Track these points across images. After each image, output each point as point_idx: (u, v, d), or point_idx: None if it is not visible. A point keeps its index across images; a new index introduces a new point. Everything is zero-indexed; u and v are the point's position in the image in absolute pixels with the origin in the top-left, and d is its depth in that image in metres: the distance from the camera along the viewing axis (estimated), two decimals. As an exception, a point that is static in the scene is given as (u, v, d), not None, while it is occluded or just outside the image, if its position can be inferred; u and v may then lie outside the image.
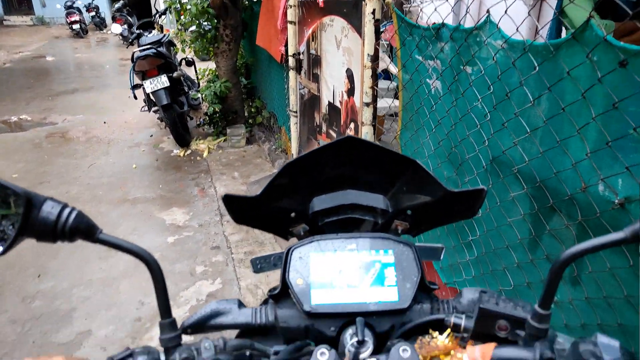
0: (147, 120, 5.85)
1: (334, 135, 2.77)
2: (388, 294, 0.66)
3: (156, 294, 0.60)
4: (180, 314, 2.44)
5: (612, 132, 0.97)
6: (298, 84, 3.38)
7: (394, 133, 2.20)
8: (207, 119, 5.21)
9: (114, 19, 13.53)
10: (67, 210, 0.55)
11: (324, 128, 2.96)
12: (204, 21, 4.64)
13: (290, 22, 3.27)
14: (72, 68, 10.12)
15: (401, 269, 0.68)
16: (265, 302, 0.73)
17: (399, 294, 0.66)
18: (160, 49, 4.70)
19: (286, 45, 3.42)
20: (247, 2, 4.88)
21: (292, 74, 3.39)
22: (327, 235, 0.72)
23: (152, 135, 5.40)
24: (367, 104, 2.12)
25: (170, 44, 5.36)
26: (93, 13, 16.82)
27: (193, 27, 4.80)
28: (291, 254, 0.70)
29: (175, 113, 4.61)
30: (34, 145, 5.05)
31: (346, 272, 0.68)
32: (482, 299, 0.58)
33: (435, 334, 0.61)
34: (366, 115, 2.15)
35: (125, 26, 12.91)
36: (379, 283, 0.67)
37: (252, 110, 5.33)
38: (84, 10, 16.49)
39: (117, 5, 13.91)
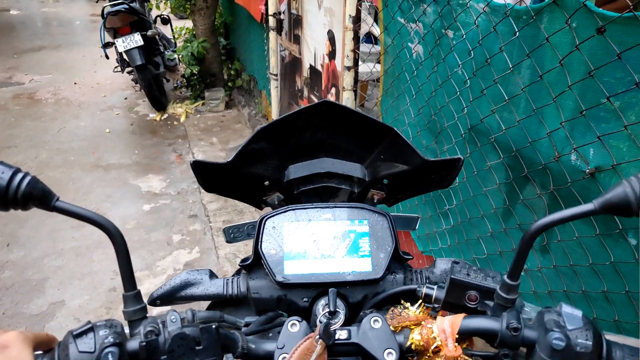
0: (121, 81, 5.63)
1: (315, 100, 2.71)
2: (362, 264, 0.66)
3: (119, 264, 0.58)
4: (157, 283, 2.43)
5: (588, 102, 0.96)
6: (279, 45, 3.27)
7: (376, 100, 2.16)
8: (185, 81, 5.04)
9: (83, -28, 12.74)
10: (19, 176, 0.51)
11: (306, 93, 2.89)
12: (179, -24, 4.41)
13: (270, -20, 3.12)
14: (39, 23, 9.58)
15: (375, 239, 0.67)
16: (237, 273, 0.72)
17: (372, 264, 0.66)
18: (133, 4, 4.45)
19: (266, 4, 3.28)
20: (224, -43, 4.64)
21: (272, 34, 3.27)
22: (302, 205, 0.70)
23: (126, 98, 5.21)
24: (349, 68, 2.06)
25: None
26: (61, -35, 15.79)
27: (168, -18, 4.57)
28: (264, 224, 0.68)
29: (151, 74, 4.43)
30: None
31: (320, 242, 0.67)
32: (454, 269, 0.58)
33: (407, 304, 0.62)
34: (347, 80, 2.09)
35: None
36: (353, 253, 0.66)
37: (232, 72, 5.17)
38: (50, -39, 15.46)
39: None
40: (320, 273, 0.65)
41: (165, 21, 5.01)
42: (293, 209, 0.70)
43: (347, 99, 2.13)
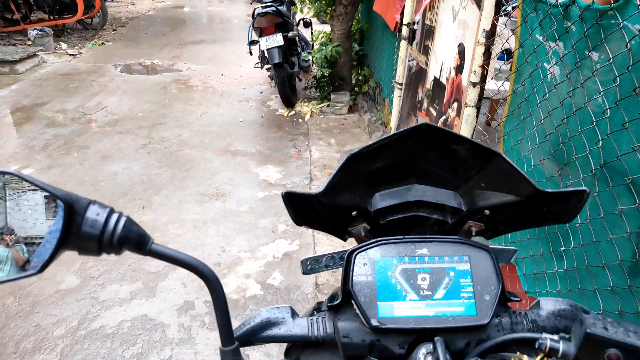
0: (260, 76, 6.11)
1: (434, 113, 2.62)
2: (464, 307, 0.59)
3: (216, 313, 0.54)
4: (255, 267, 2.59)
5: None
6: (408, 55, 3.23)
7: (500, 119, 2.01)
8: (315, 82, 5.27)
9: (246, -24, 14.11)
10: (114, 217, 0.48)
11: (425, 104, 2.81)
12: (325, -18, 4.63)
13: (409, -11, 3.10)
14: (204, 20, 10.88)
15: (478, 278, 0.61)
16: (317, 310, 0.68)
17: (476, 307, 0.59)
18: (281, 7, 4.81)
19: (402, 14, 3.27)
20: (370, -35, 4.73)
21: (403, 44, 3.25)
22: (395, 238, 0.64)
23: (261, 92, 5.64)
24: (474, 84, 1.95)
25: (291, 3, 5.46)
26: (229, -31, 17.73)
27: (315, -12, 4.83)
28: (354, 259, 0.62)
29: (285, 73, 4.73)
30: (160, 88, 5.60)
31: (417, 282, 0.61)
32: (586, 321, 0.49)
33: (524, 357, 0.55)
34: (471, 95, 1.98)
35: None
36: (453, 294, 0.60)
37: (360, 78, 5.27)
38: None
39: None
40: (418, 316, 0.59)
41: (307, 24, 5.32)
42: (385, 243, 0.63)
43: (469, 116, 2.01)
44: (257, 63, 5.26)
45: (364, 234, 0.72)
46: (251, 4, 6.53)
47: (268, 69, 5.17)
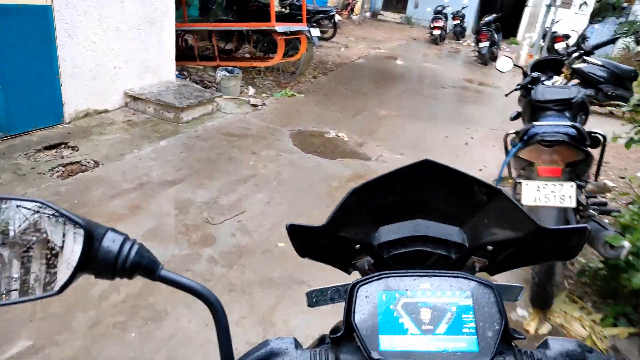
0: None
1: None
2: (466, 343, 0.56)
3: (219, 342, 0.57)
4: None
5: None
6: None
7: None
8: (599, 273, 2.68)
9: (478, 33, 11.97)
10: (128, 244, 0.51)
11: None
12: None
13: None
14: (415, 79, 9.08)
15: (481, 314, 0.58)
16: (321, 341, 0.64)
17: (478, 344, 0.56)
18: (577, 124, 2.42)
19: None
20: None
21: None
22: (398, 272, 0.61)
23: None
24: None
25: (583, 107, 2.97)
26: (457, 22, 15.88)
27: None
28: (357, 292, 0.60)
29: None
30: (330, 190, 3.74)
31: (419, 316, 0.58)
32: None
33: None
34: None
35: (487, 43, 11.21)
36: (455, 330, 0.57)
37: None
38: (450, 17, 15.73)
39: (486, 19, 12.31)
40: (420, 351, 0.56)
41: (597, 143, 2.75)
42: (387, 276, 0.60)
43: None
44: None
45: (368, 268, 0.73)
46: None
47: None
